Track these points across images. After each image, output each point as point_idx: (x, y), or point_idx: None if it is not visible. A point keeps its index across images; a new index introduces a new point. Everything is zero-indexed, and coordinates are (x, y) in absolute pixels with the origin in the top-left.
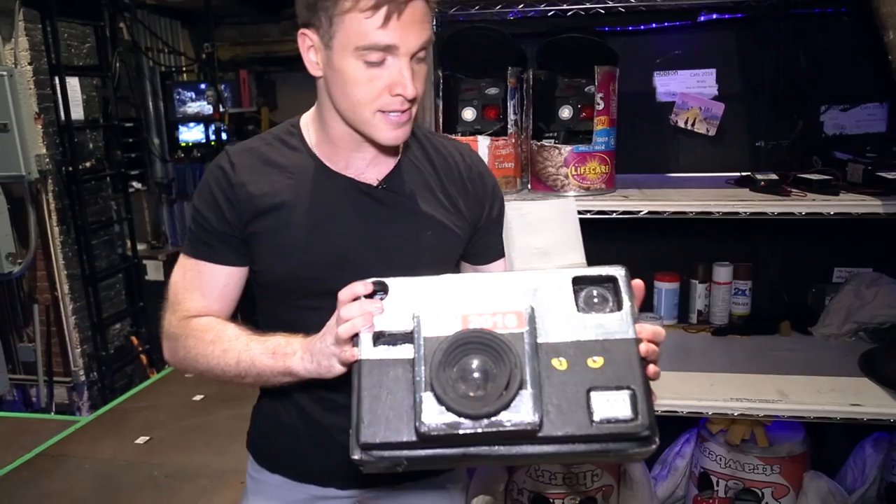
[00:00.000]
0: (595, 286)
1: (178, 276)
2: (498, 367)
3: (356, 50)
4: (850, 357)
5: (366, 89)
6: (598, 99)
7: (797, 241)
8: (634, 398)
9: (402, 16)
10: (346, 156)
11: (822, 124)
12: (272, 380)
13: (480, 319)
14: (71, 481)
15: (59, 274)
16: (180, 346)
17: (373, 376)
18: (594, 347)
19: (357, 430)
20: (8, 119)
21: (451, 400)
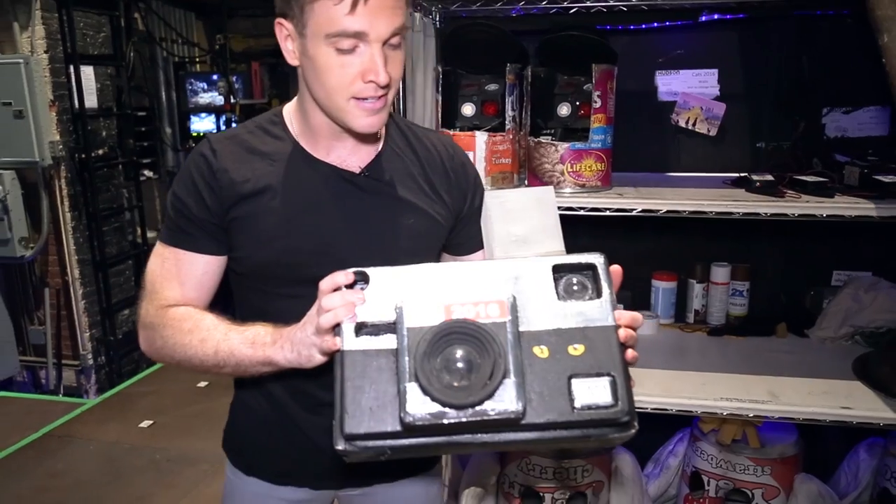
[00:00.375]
0: (574, 274)
1: (155, 265)
2: (481, 356)
3: (327, 37)
4: (845, 360)
5: (338, 76)
6: (595, 97)
7: (796, 243)
8: (615, 384)
9: (370, 2)
10: (327, 144)
11: (823, 126)
12: (251, 370)
13: (463, 309)
14: (75, 462)
15: (71, 259)
16: (157, 336)
17: (356, 367)
18: (575, 335)
19: (341, 420)
20: (23, 106)
21: (435, 390)
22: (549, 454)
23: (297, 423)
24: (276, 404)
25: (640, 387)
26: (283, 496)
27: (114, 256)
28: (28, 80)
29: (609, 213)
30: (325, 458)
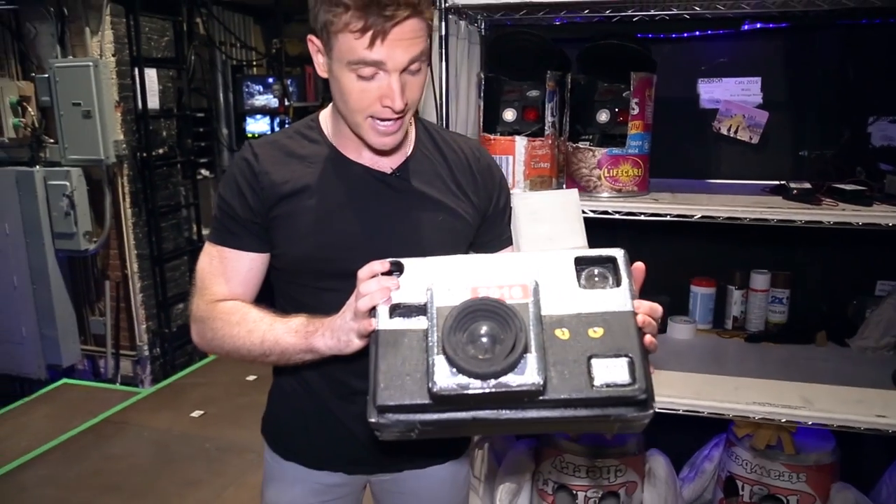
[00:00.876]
0: (596, 266)
1: (204, 263)
2: (504, 332)
3: (349, 64)
4: (885, 370)
5: (358, 99)
6: (633, 104)
7: (839, 252)
8: (632, 364)
9: (388, 36)
10: (358, 146)
11: (869, 135)
12: (294, 357)
13: (488, 291)
14: (131, 447)
15: (130, 253)
16: (207, 328)
17: (389, 344)
18: (594, 319)
19: (374, 393)
20: (91, 106)
21: (461, 361)
22: (583, 453)
23: (333, 410)
24: (312, 393)
25: (673, 388)
26: (319, 480)
27: (170, 252)
28: (96, 82)
29: (644, 217)
30: (358, 445)
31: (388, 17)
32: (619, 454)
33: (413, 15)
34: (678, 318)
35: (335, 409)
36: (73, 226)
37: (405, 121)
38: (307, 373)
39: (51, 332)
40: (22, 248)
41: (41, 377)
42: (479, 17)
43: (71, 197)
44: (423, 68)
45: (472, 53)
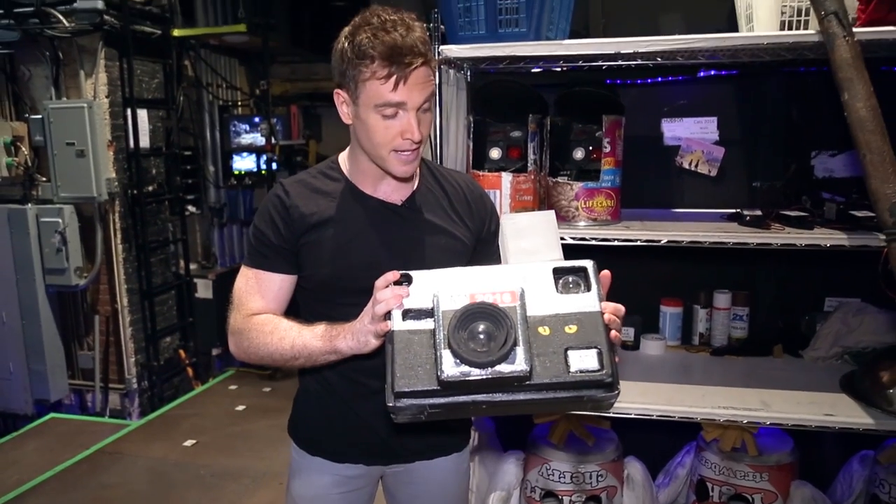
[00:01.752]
0: (570, 274)
1: (241, 283)
2: (498, 329)
3: (375, 107)
4: (834, 377)
5: (382, 135)
6: (605, 143)
7: (792, 272)
8: (601, 354)
9: (408, 80)
10: (374, 182)
11: (812, 168)
12: (320, 359)
13: (483, 297)
14: (127, 475)
15: (120, 288)
16: (244, 339)
17: (403, 342)
18: (570, 318)
19: (392, 382)
20: (85, 146)
21: (464, 353)
22: (567, 460)
23: (354, 408)
24: (335, 394)
25: (647, 397)
26: (341, 472)
27: (159, 286)
28: (90, 123)
29: (617, 242)
30: (376, 438)
31: (407, 64)
32: (600, 460)
33: (425, 63)
34: (650, 336)
35: (356, 407)
36: (64, 261)
37: (420, 152)
38: (330, 376)
39: (39, 367)
40: (12, 285)
41: (28, 412)
42: (466, 66)
43: (63, 233)
44: (431, 107)
45: (459, 98)
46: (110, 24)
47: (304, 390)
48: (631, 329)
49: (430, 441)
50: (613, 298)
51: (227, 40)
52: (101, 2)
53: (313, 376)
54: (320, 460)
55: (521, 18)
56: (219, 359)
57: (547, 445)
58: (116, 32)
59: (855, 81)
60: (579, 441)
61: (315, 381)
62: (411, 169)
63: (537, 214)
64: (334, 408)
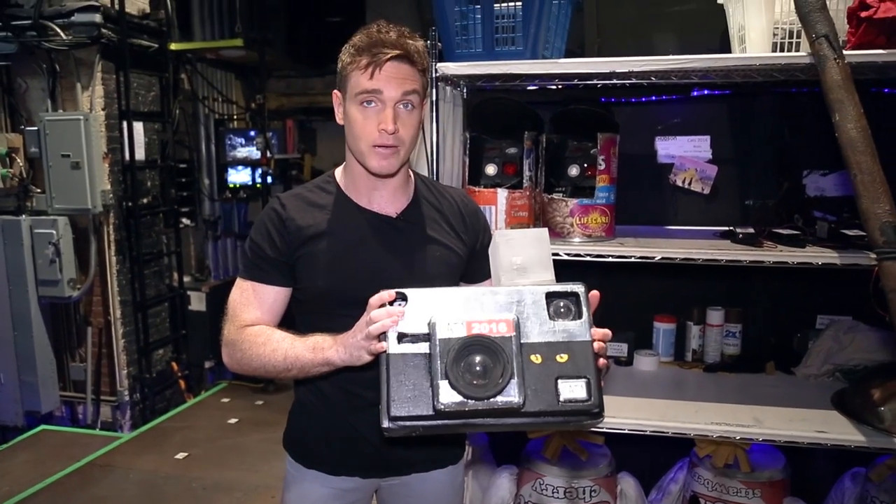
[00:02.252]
0: (562, 299)
1: (235, 295)
2: (494, 363)
3: (355, 96)
4: (826, 394)
5: (362, 126)
6: (600, 160)
7: (785, 290)
8: (589, 384)
9: (383, 70)
10: (368, 194)
11: (804, 187)
12: (313, 370)
13: (480, 326)
14: (118, 488)
15: (114, 300)
16: (237, 350)
17: (398, 366)
18: (561, 347)
19: (388, 406)
20: (80, 158)
21: (461, 387)
22: (561, 475)
23: (349, 420)
24: (330, 406)
25: (641, 413)
26: (337, 485)
27: (152, 298)
28: (86, 135)
29: (611, 259)
30: (372, 451)
31: (383, 54)
32: (593, 476)
33: (403, 58)
34: (643, 352)
35: (351, 419)
36: (57, 273)
37: (400, 154)
38: (326, 388)
39: (30, 378)
40: (5, 296)
41: (19, 424)
42: (462, 83)
43: (57, 245)
44: (416, 110)
45: (455, 115)
46: (108, 37)
47: (299, 402)
48: (624, 345)
49: (426, 454)
50: (607, 315)
51: (224, 54)
52: (99, 15)
53: (309, 388)
54: (315, 473)
55: (517, 37)
56: (211, 371)
57: (540, 460)
58: (113, 46)
59: (845, 103)
60: (573, 456)
61: (311, 393)
62: (388, 165)
63: (530, 232)
64: (330, 420)
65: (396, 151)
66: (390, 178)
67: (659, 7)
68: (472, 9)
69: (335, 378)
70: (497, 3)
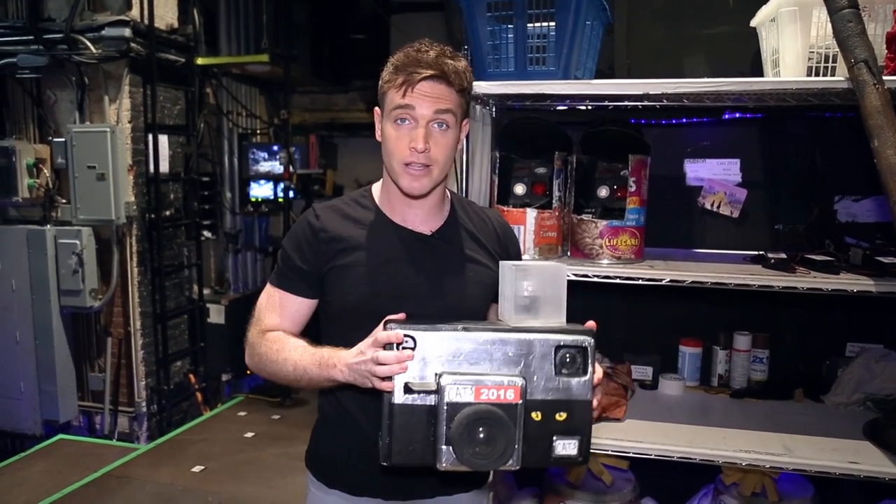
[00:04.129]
0: (570, 350)
1: (263, 299)
2: (499, 434)
3: (390, 112)
4: (856, 424)
5: (394, 145)
6: (630, 182)
7: (813, 316)
8: (582, 443)
9: (416, 88)
10: (402, 211)
11: (835, 212)
12: (321, 384)
13: (489, 392)
14: (134, 500)
15: (134, 311)
16: (255, 353)
17: (402, 417)
18: (562, 406)
19: (389, 452)
20: (106, 169)
21: (463, 456)
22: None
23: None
24: (354, 425)
25: (668, 438)
26: None
27: (172, 310)
28: (112, 147)
29: (641, 282)
30: (396, 474)
31: (417, 73)
32: (617, 501)
33: (439, 77)
34: (668, 376)
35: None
36: (80, 283)
37: (433, 174)
38: (350, 407)
39: (50, 387)
40: (27, 305)
41: (37, 433)
42: (492, 102)
43: (80, 255)
44: (450, 130)
45: (484, 133)
46: (136, 51)
47: (322, 420)
48: (649, 368)
49: (451, 477)
50: (632, 338)
51: (249, 69)
52: (129, 30)
53: (333, 406)
54: (337, 493)
55: (549, 57)
56: (228, 385)
57: (564, 484)
58: (142, 59)
59: (885, 129)
60: (596, 480)
61: (334, 411)
62: (419, 186)
63: (549, 266)
64: (354, 441)
65: (428, 172)
66: (423, 198)
67: (689, 29)
68: (504, 28)
69: (361, 397)
70: (529, 24)
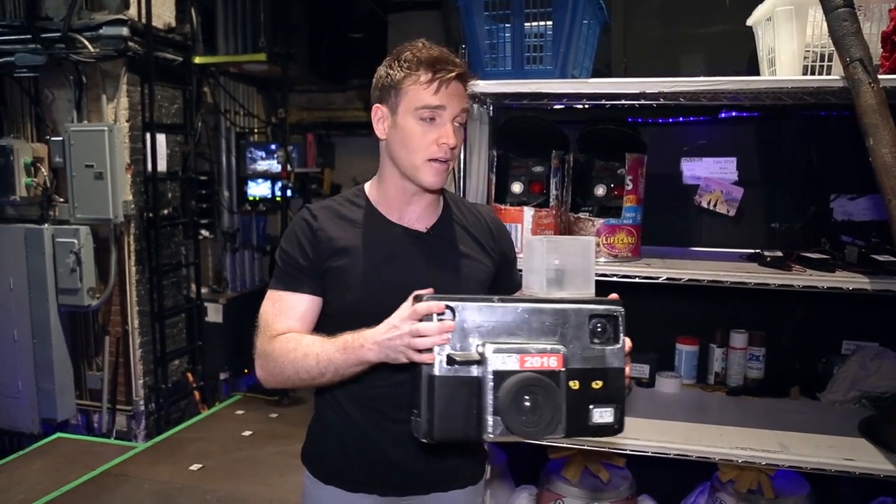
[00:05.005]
0: (602, 319)
1: (267, 307)
2: (545, 402)
3: (415, 111)
4: (852, 421)
5: (419, 141)
6: (627, 181)
7: (809, 314)
8: (617, 410)
9: (448, 87)
10: (398, 208)
11: (831, 211)
12: (347, 371)
13: (533, 360)
14: (132, 498)
15: (132, 309)
16: (269, 360)
17: (445, 390)
18: (597, 374)
19: (430, 427)
20: (104, 168)
21: (510, 424)
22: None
23: (370, 436)
24: (350, 421)
25: (665, 435)
26: (355, 502)
27: (169, 309)
28: (110, 146)
29: (638, 279)
30: (392, 468)
31: (449, 71)
32: (614, 498)
33: (463, 77)
34: (665, 374)
35: (372, 436)
36: (77, 282)
37: (450, 165)
38: (347, 404)
39: (48, 386)
40: (25, 303)
41: (35, 431)
42: (489, 101)
43: (78, 254)
44: (461, 127)
45: (481, 132)
46: (134, 50)
47: (319, 417)
48: (646, 366)
49: (447, 472)
50: (629, 336)
51: (247, 68)
52: (127, 29)
53: (329, 403)
54: (333, 489)
55: (546, 56)
56: (226, 383)
57: (561, 481)
58: (139, 59)
59: (880, 127)
60: (593, 477)
61: (331, 408)
62: (441, 181)
63: (578, 239)
64: (349, 435)
65: (447, 167)
66: (427, 193)
67: (686, 28)
68: (501, 27)
69: (357, 394)
70: (527, 23)
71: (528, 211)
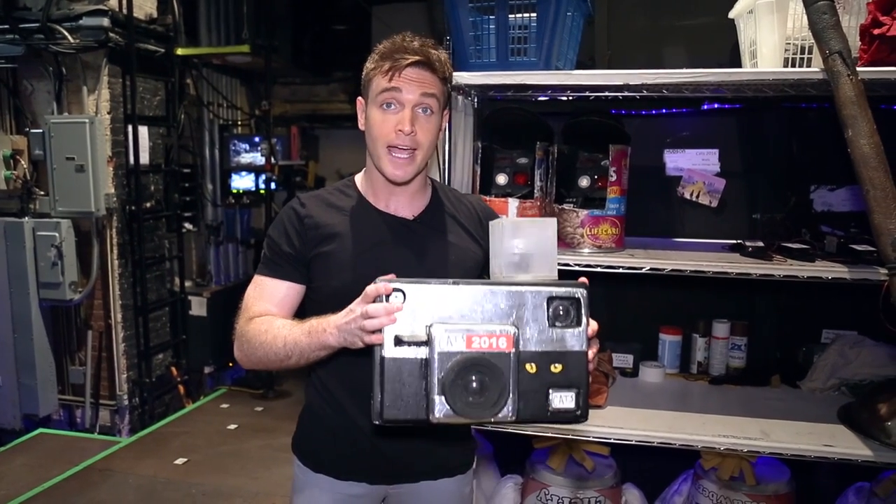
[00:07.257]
0: (563, 302)
1: (250, 290)
2: (492, 382)
3: (376, 97)
4: (831, 408)
5: (379, 128)
6: (611, 172)
7: (790, 303)
8: (579, 395)
9: (403, 73)
10: (385, 197)
11: (811, 202)
12: (311, 355)
13: (480, 340)
14: (117, 493)
15: (115, 303)
16: (244, 341)
17: (393, 371)
18: (556, 357)
19: (381, 409)
20: (85, 161)
21: (456, 405)
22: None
23: (358, 424)
24: (339, 409)
25: (648, 424)
26: (344, 490)
27: (153, 303)
28: (91, 138)
29: (622, 270)
30: (381, 457)
31: (404, 58)
32: (599, 487)
33: (424, 64)
34: (648, 363)
35: (360, 424)
36: (59, 276)
37: (417, 159)
38: (336, 391)
39: (29, 381)
40: (6, 298)
41: (16, 427)
42: (474, 93)
43: (59, 247)
44: (434, 115)
45: (466, 124)
46: (115, 41)
47: (308, 405)
48: (630, 356)
49: (436, 461)
50: (613, 326)
51: (230, 60)
52: (107, 19)
53: (319, 392)
54: (323, 477)
55: (531, 48)
56: (211, 377)
57: (546, 470)
58: (120, 50)
59: (859, 119)
60: (578, 466)
61: (321, 397)
62: (403, 174)
63: (539, 220)
64: (338, 423)
65: (413, 157)
66: (406, 184)
67: (669, 20)
68: (485, 19)
69: (347, 382)
70: (511, 15)
71: (512, 202)
